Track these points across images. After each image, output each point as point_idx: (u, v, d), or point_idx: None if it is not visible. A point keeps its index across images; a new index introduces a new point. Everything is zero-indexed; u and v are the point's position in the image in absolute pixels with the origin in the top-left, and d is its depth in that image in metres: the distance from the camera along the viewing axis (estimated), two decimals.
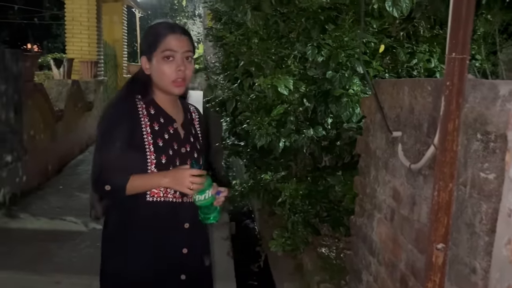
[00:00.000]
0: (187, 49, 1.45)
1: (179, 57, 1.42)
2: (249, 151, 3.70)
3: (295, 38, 2.71)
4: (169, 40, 1.42)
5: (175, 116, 1.52)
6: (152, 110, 1.48)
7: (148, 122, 1.46)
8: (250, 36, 3.05)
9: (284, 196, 2.62)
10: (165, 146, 1.46)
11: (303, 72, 2.62)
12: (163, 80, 1.43)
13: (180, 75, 1.42)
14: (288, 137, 2.60)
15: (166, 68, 1.42)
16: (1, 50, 4.25)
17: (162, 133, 1.47)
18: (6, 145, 4.11)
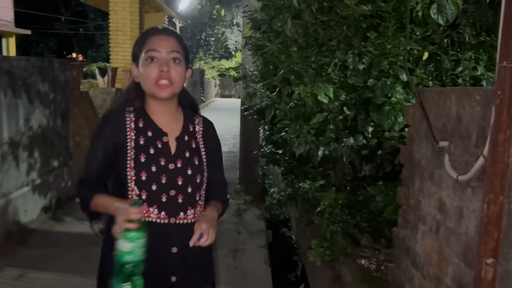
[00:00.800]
0: (172, 49, 1.34)
1: (163, 57, 1.32)
2: (287, 159, 3.70)
3: (335, 46, 2.70)
4: (152, 41, 1.34)
5: (167, 128, 1.41)
6: (141, 123, 1.39)
7: (134, 136, 1.37)
8: (289, 44, 3.06)
9: (323, 205, 2.59)
10: (148, 162, 1.34)
11: (343, 80, 2.60)
12: (147, 83, 1.33)
13: (163, 76, 1.31)
14: (327, 145, 2.57)
15: (149, 69, 1.32)
16: (50, 60, 4.46)
17: (147, 148, 1.36)
18: (53, 150, 4.30)
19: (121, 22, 8.01)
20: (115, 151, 1.35)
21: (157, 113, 1.40)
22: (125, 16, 8.00)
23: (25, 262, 3.14)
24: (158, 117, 1.40)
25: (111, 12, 8.11)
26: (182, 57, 1.35)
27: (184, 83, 1.39)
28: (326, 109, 2.62)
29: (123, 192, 1.34)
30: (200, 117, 1.52)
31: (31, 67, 3.84)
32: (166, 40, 1.35)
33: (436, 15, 1.97)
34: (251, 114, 4.64)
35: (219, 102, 23.51)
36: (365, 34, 2.44)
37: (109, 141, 1.36)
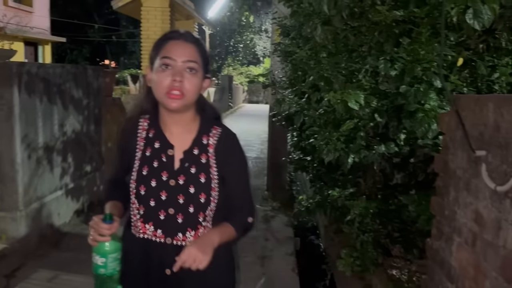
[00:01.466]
0: (189, 58, 1.24)
1: (178, 66, 1.22)
2: (315, 166, 3.67)
3: (366, 52, 2.66)
4: (169, 47, 1.24)
5: (176, 141, 1.31)
6: (151, 133, 1.33)
7: (143, 146, 1.32)
8: (318, 50, 3.04)
9: (353, 214, 2.55)
10: (149, 176, 1.28)
11: (374, 86, 2.56)
12: (158, 91, 1.24)
13: (175, 86, 1.21)
14: (357, 153, 2.53)
15: (161, 77, 1.22)
16: (84, 67, 4.58)
17: (151, 161, 1.30)
18: (86, 155, 4.41)
19: (152, 30, 8.19)
20: (129, 159, 1.33)
21: (169, 123, 1.32)
22: (156, 24, 8.17)
23: (58, 264, 3.22)
24: (170, 127, 1.32)
25: (143, 20, 8.29)
26: (199, 67, 1.26)
27: (199, 93, 1.29)
28: (356, 116, 2.58)
29: (130, 202, 1.33)
30: (218, 128, 1.36)
31: (66, 74, 3.96)
32: (183, 48, 1.25)
33: (472, 20, 1.91)
34: (279, 120, 4.63)
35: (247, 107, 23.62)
36: (397, 40, 2.40)
37: (124, 148, 1.36)
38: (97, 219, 1.17)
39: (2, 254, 3.19)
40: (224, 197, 1.33)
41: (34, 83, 3.45)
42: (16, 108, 3.24)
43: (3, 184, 3.33)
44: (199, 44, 1.29)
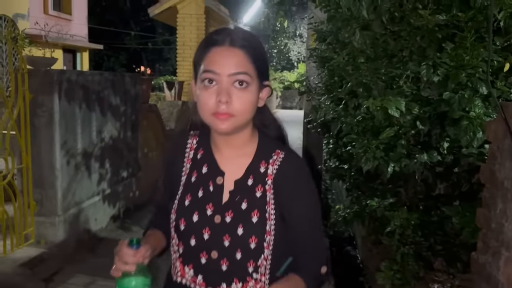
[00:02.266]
0: (237, 70, 1.01)
1: (223, 82, 1.00)
2: (352, 174, 3.63)
3: (407, 57, 2.63)
4: (211, 56, 1.02)
5: (227, 166, 1.10)
6: (199, 154, 1.14)
7: (189, 169, 1.13)
8: (356, 55, 3.02)
9: (393, 225, 2.51)
10: (191, 207, 1.08)
11: (416, 93, 2.51)
12: (203, 112, 1.04)
13: (221, 108, 1.00)
14: (398, 161, 2.49)
15: (205, 96, 1.02)
16: (121, 75, 4.73)
17: (196, 189, 1.10)
18: (122, 161, 4.54)
19: (188, 36, 8.35)
20: (174, 183, 1.14)
21: (220, 144, 1.11)
22: (191, 31, 8.33)
23: (95, 270, 3.32)
24: (221, 149, 1.11)
25: (178, 27, 8.48)
26: (253, 78, 1.03)
27: (255, 108, 1.07)
28: (397, 123, 2.54)
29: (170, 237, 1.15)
30: (281, 152, 1.11)
31: (104, 81, 4.10)
32: (230, 57, 1.01)
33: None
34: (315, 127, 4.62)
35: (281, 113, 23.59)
36: (440, 44, 2.35)
37: (169, 169, 1.17)
38: (122, 243, 1.01)
39: (41, 258, 3.31)
40: (284, 243, 1.09)
41: (73, 90, 3.59)
42: (56, 115, 3.38)
43: (43, 190, 3.47)
44: (251, 47, 1.04)
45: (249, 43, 1.04)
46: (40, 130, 3.37)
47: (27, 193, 3.37)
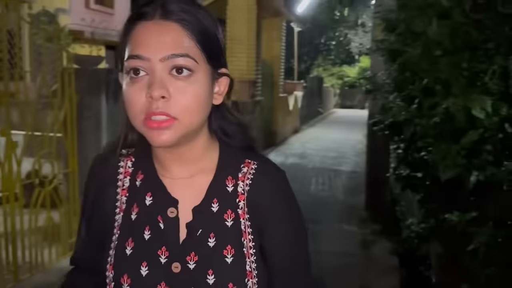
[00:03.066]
0: (173, 52, 0.79)
1: (156, 71, 0.79)
2: (428, 184, 3.56)
3: (493, 50, 2.56)
4: (136, 38, 0.81)
5: (179, 190, 0.89)
6: (138, 179, 0.91)
7: (125, 204, 0.91)
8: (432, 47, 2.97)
9: (476, 242, 2.45)
10: (136, 257, 0.86)
11: (504, 90, 2.44)
12: (132, 117, 0.83)
13: (154, 107, 0.79)
14: (482, 169, 2.44)
15: (131, 93, 0.81)
16: None
17: (139, 229, 0.88)
18: None
19: (238, 30, 8.52)
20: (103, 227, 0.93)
21: (168, 161, 0.89)
22: (241, 24, 8.49)
23: None
24: (170, 168, 0.90)
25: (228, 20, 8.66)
26: (200, 63, 0.82)
27: (210, 106, 0.88)
28: (481, 126, 2.48)
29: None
30: (252, 162, 0.92)
31: None
32: (162, 34, 0.79)
33: None
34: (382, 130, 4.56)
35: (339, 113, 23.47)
36: None
37: (94, 207, 0.94)
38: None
39: None
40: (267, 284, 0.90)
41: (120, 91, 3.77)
42: (103, 118, 3.57)
43: None
44: (195, 20, 0.82)
45: (191, 15, 0.82)
46: (86, 133, 3.57)
47: (73, 198, 3.58)
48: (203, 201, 0.88)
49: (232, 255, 0.86)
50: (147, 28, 0.81)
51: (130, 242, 0.88)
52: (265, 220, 0.90)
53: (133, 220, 0.89)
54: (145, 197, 0.90)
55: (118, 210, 0.91)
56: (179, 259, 0.86)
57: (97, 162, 0.98)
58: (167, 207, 0.88)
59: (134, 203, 0.90)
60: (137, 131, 0.87)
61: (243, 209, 0.89)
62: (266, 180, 0.91)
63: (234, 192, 0.89)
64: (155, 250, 0.86)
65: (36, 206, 3.39)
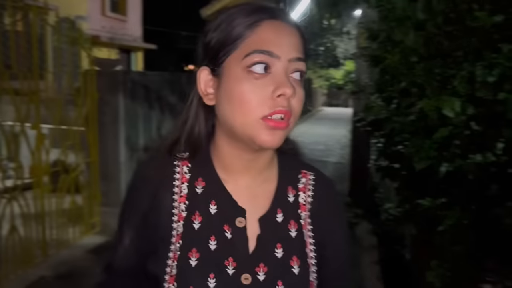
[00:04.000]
0: (299, 55, 0.74)
1: (281, 69, 0.71)
2: (404, 174, 3.62)
3: (462, 57, 2.61)
4: (264, 34, 0.71)
5: (246, 200, 0.79)
6: (199, 186, 0.79)
7: (184, 211, 0.78)
8: (409, 54, 3.02)
9: (445, 224, 2.51)
10: (202, 268, 0.74)
11: (470, 93, 2.50)
12: (244, 116, 0.71)
13: (281, 107, 0.70)
14: (451, 161, 2.50)
15: (253, 90, 0.70)
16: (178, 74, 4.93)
17: (204, 239, 0.76)
18: None
19: None
20: (155, 235, 0.79)
21: (238, 169, 0.79)
22: None
23: None
24: (238, 176, 0.79)
25: None
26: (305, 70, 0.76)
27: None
28: (451, 124, 2.54)
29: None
30: (309, 173, 0.86)
31: (163, 81, 4.32)
32: (289, 36, 0.73)
33: None
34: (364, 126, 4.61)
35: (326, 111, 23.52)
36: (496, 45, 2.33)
37: (144, 215, 0.80)
38: None
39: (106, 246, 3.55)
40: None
41: (136, 90, 3.82)
42: (121, 113, 3.61)
43: (108, 182, 3.72)
44: (302, 30, 0.78)
45: (300, 29, 0.78)
46: (106, 127, 3.62)
47: (94, 185, 3.63)
48: (269, 211, 0.79)
49: (298, 266, 0.78)
50: (278, 27, 0.72)
51: (195, 252, 0.75)
52: (327, 232, 0.84)
53: (196, 229, 0.76)
54: (209, 205, 0.77)
55: (177, 218, 0.77)
56: (249, 270, 0.75)
57: (147, 166, 0.83)
58: (235, 216, 0.77)
59: (196, 211, 0.77)
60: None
61: (305, 220, 0.82)
62: (324, 192, 0.86)
63: (295, 202, 0.82)
64: (222, 261, 0.75)
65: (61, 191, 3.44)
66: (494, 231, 2.59)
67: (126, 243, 0.83)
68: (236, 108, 0.71)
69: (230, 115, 0.73)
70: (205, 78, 0.78)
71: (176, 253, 0.75)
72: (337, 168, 8.30)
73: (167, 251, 0.76)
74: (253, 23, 0.72)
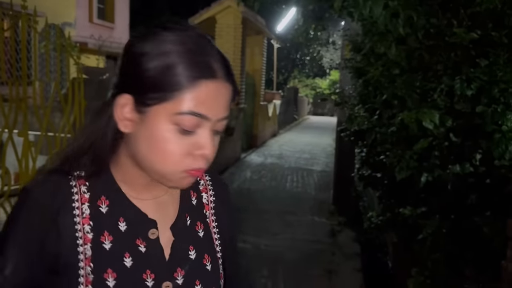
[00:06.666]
0: (226, 114, 0.73)
1: (207, 129, 0.72)
2: (386, 183, 3.68)
3: (441, 71, 2.69)
4: (201, 95, 0.69)
5: (154, 211, 0.79)
6: (103, 205, 0.76)
7: (90, 233, 0.74)
8: (391, 66, 3.09)
9: (425, 232, 2.57)
10: (122, 285, 0.74)
11: (449, 106, 2.58)
12: (164, 165, 0.72)
13: (200, 165, 0.73)
14: (431, 172, 2.56)
15: (179, 146, 0.71)
16: None
17: (119, 258, 0.75)
18: None
19: (226, 46, 8.58)
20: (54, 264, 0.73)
21: (144, 185, 0.79)
22: (229, 40, 8.55)
23: None
24: (143, 191, 0.79)
25: (216, 37, 8.71)
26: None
27: None
28: (430, 135, 2.60)
29: None
30: (206, 174, 0.90)
31: None
32: (223, 96, 0.72)
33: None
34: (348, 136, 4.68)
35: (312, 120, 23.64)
36: (475, 60, 2.41)
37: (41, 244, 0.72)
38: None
39: None
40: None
41: None
42: None
43: None
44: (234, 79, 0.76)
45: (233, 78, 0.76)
46: None
47: None
48: (178, 218, 0.82)
49: (210, 262, 0.83)
50: (213, 88, 0.70)
51: (111, 272, 0.73)
52: (227, 226, 0.90)
53: (107, 249, 0.74)
54: (117, 223, 0.76)
55: (82, 241, 0.73)
56: (168, 277, 0.77)
57: (41, 189, 0.75)
58: (148, 229, 0.77)
59: (104, 231, 0.75)
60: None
61: (210, 218, 0.87)
62: (224, 191, 0.92)
63: (199, 203, 0.87)
64: (140, 275, 0.75)
65: None
66: (472, 239, 2.66)
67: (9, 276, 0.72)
68: (157, 154, 0.71)
69: (149, 157, 0.72)
70: (125, 107, 0.72)
71: (89, 277, 0.72)
72: (322, 176, 8.36)
73: (76, 276, 0.72)
74: (194, 79, 0.69)
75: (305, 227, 5.19)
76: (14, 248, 0.72)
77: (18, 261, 0.72)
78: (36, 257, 0.72)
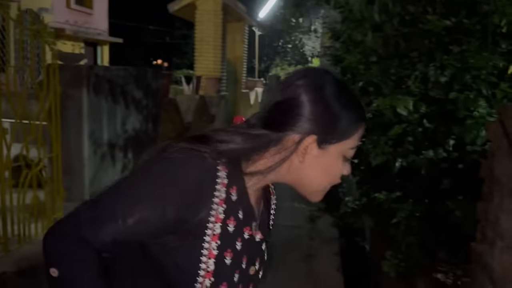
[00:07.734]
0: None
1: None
2: (362, 169, 3.73)
3: (416, 58, 2.72)
4: (359, 134, 0.89)
5: (254, 205, 0.92)
6: (233, 193, 0.84)
7: (222, 214, 0.82)
8: (368, 54, 3.11)
9: (399, 217, 2.62)
10: (233, 266, 0.86)
11: (423, 92, 2.61)
12: (324, 183, 0.90)
13: (338, 180, 0.92)
14: (405, 157, 2.60)
15: (339, 170, 0.89)
16: (144, 70, 4.89)
17: (235, 241, 0.85)
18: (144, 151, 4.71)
19: (206, 32, 8.48)
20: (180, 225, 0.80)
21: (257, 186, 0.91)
22: (209, 26, 8.45)
23: None
24: (255, 191, 0.92)
25: (196, 23, 8.60)
26: None
27: None
28: (405, 121, 2.64)
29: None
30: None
31: (129, 76, 4.26)
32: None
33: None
34: None
35: None
36: (448, 47, 2.44)
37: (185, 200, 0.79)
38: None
39: None
40: None
41: (100, 84, 3.76)
42: (85, 108, 3.55)
43: (71, 177, 3.65)
44: None
45: None
46: (69, 122, 3.55)
47: (57, 180, 3.55)
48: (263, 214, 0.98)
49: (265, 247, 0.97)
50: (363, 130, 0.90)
51: (230, 252, 0.85)
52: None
53: (230, 232, 0.84)
54: (238, 211, 0.86)
55: (214, 219, 0.82)
56: (252, 264, 0.91)
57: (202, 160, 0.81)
58: (251, 221, 0.90)
59: (231, 216, 0.84)
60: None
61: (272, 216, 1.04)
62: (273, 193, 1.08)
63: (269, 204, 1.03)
64: (242, 257, 0.88)
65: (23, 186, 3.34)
66: (445, 223, 2.72)
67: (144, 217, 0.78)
68: (325, 177, 0.89)
69: (315, 178, 0.89)
70: (309, 145, 0.86)
71: (213, 251, 0.82)
72: None
73: (199, 247, 0.82)
74: (362, 122, 0.88)
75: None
76: (149, 200, 0.78)
77: (148, 216, 0.77)
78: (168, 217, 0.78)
